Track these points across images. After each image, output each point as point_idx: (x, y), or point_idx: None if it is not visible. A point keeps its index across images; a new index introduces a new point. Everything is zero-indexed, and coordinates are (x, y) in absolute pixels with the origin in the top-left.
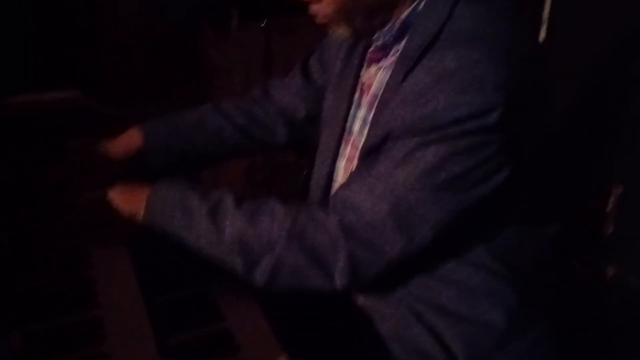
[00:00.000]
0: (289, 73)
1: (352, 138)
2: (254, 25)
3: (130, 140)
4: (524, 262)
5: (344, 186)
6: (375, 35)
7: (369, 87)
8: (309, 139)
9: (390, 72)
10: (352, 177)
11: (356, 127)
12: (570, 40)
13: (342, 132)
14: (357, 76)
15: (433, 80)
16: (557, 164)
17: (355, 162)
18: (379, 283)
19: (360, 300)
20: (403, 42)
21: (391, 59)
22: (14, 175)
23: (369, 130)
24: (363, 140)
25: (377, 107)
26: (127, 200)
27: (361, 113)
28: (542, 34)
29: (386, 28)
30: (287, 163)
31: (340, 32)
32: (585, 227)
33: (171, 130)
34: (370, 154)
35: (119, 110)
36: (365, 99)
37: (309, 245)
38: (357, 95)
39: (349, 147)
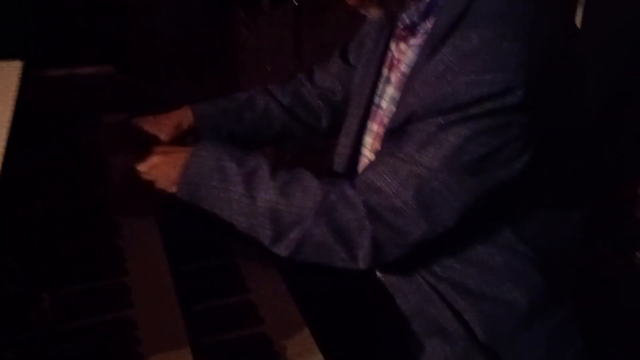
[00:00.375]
0: (328, 56)
1: (381, 115)
2: (285, 5)
3: (182, 117)
4: (551, 245)
5: (369, 168)
6: (403, 15)
7: (399, 63)
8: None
9: (417, 52)
10: (378, 159)
11: (385, 104)
12: (607, 23)
13: (368, 106)
14: (386, 51)
15: (456, 60)
16: (589, 148)
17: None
18: (401, 262)
19: (382, 277)
20: (430, 22)
21: (419, 39)
22: (48, 146)
23: (395, 111)
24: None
25: (404, 87)
26: (167, 159)
27: (390, 91)
28: (579, 17)
29: (413, 8)
30: (316, 144)
31: (372, 13)
32: (616, 213)
33: (222, 110)
34: (393, 134)
35: (150, 86)
36: (395, 77)
37: (337, 223)
38: (385, 71)
39: (376, 124)
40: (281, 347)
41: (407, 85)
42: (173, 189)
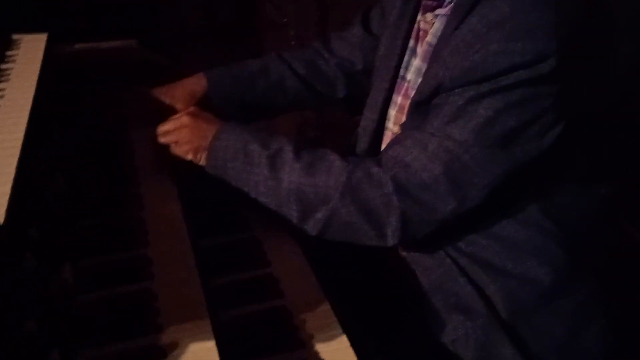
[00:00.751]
0: (347, 26)
1: (405, 87)
2: None
3: (195, 84)
4: (576, 221)
5: (396, 142)
6: None
7: (425, 34)
8: (365, 95)
9: (444, 22)
10: (405, 134)
11: (410, 76)
12: None
13: (394, 79)
14: (412, 22)
15: (485, 28)
16: (618, 123)
17: (406, 112)
18: (428, 238)
19: (404, 252)
20: None
21: (446, 8)
22: (71, 118)
23: (421, 82)
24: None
25: (430, 58)
26: (195, 127)
27: (416, 62)
28: None
29: None
30: (340, 120)
31: None
32: None
33: (235, 77)
34: (420, 106)
35: (174, 61)
36: (421, 48)
37: (363, 201)
38: (412, 42)
39: (400, 96)
40: (301, 321)
41: (434, 55)
42: (195, 157)
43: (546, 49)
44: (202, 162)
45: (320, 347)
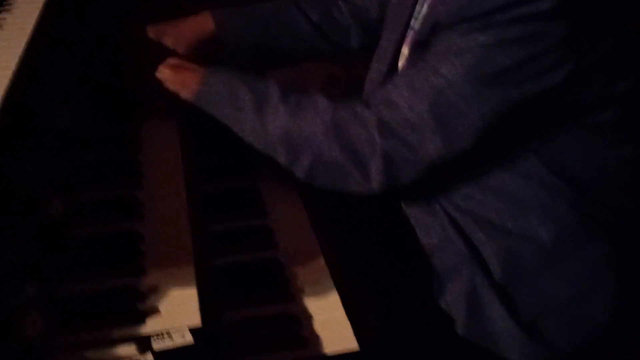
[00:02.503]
0: None
1: (413, 36)
2: None
3: (202, 23)
4: (589, 182)
5: (388, 81)
6: None
7: None
8: None
9: None
10: (397, 74)
11: (417, 24)
12: None
13: (404, 32)
14: None
15: None
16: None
17: None
18: (422, 188)
19: (407, 210)
20: None
21: None
22: (76, 53)
23: (422, 24)
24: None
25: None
26: (178, 80)
27: (424, 9)
28: None
29: None
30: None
31: None
32: None
33: (247, 19)
34: (419, 48)
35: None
36: None
37: (346, 140)
38: None
39: (407, 46)
40: (292, 274)
41: None
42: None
43: None
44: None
45: (310, 302)
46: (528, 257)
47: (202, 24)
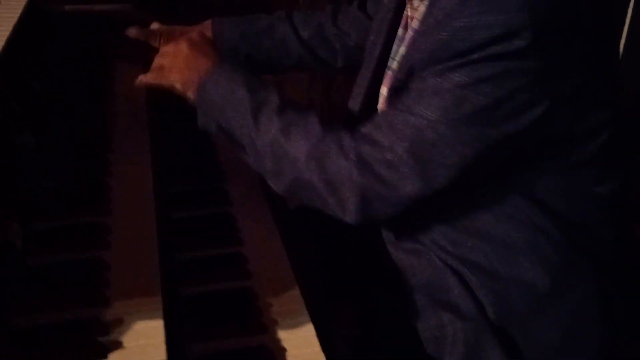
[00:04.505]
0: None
1: (391, 76)
2: None
3: (205, 31)
4: (574, 221)
5: (369, 120)
6: None
7: (412, 20)
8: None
9: (427, 4)
10: (380, 113)
11: (395, 64)
12: None
13: (378, 69)
14: (401, 10)
15: (453, 5)
16: (615, 110)
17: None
18: (407, 231)
19: (392, 252)
20: None
21: None
22: (52, 78)
23: (399, 66)
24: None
25: (411, 43)
26: (188, 66)
27: (402, 50)
28: None
29: None
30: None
31: None
32: None
33: (242, 32)
34: (397, 92)
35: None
36: (408, 35)
37: (327, 169)
38: (401, 31)
39: (386, 87)
40: (266, 304)
41: (412, 41)
42: (183, 88)
43: (519, 21)
44: (190, 94)
45: (284, 334)
46: (521, 301)
47: (205, 31)
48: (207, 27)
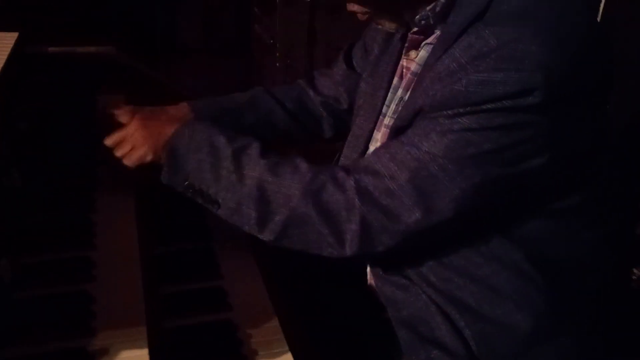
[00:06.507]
0: (333, 61)
1: (385, 121)
2: (300, 2)
3: (181, 113)
4: (562, 268)
5: (369, 154)
6: (417, 17)
7: (408, 70)
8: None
9: (430, 50)
10: (379, 147)
11: (391, 109)
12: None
13: (377, 118)
14: (397, 62)
15: (469, 58)
16: (612, 162)
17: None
18: (394, 264)
19: (376, 286)
20: (446, 21)
21: (432, 37)
22: (40, 120)
23: (402, 109)
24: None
25: (413, 85)
26: (153, 123)
27: (398, 94)
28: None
29: (428, 9)
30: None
31: (386, 26)
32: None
33: (223, 109)
34: (398, 131)
35: (152, 70)
36: (404, 81)
37: (324, 203)
38: (396, 80)
39: (380, 132)
40: (246, 335)
41: (417, 83)
42: (156, 156)
43: (533, 81)
44: (163, 159)
45: None
46: (506, 343)
47: (181, 113)
48: (185, 108)
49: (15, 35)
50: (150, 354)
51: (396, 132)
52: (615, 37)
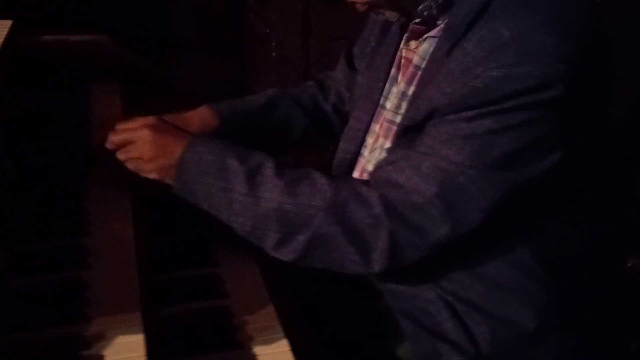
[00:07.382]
0: (335, 46)
1: (383, 114)
2: None
3: (205, 119)
4: (564, 263)
5: (385, 163)
6: (420, 7)
7: (408, 61)
8: None
9: (435, 43)
10: (394, 154)
11: (390, 103)
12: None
13: (375, 110)
14: (394, 53)
15: (484, 53)
16: (618, 162)
17: (382, 138)
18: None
19: (379, 284)
20: (449, 13)
21: (435, 29)
22: (29, 107)
23: (411, 106)
24: (401, 116)
25: (419, 80)
26: (159, 141)
27: (397, 88)
28: None
29: (430, 0)
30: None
31: (389, 15)
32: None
33: (245, 112)
34: (410, 130)
35: (145, 60)
36: (404, 74)
37: (349, 221)
38: (394, 71)
39: (378, 124)
40: (242, 322)
41: (424, 78)
42: (161, 176)
43: (553, 74)
44: (169, 180)
45: (259, 350)
46: (512, 340)
47: (205, 117)
48: (209, 112)
49: (8, 23)
50: (146, 340)
51: (406, 132)
52: (615, 36)
